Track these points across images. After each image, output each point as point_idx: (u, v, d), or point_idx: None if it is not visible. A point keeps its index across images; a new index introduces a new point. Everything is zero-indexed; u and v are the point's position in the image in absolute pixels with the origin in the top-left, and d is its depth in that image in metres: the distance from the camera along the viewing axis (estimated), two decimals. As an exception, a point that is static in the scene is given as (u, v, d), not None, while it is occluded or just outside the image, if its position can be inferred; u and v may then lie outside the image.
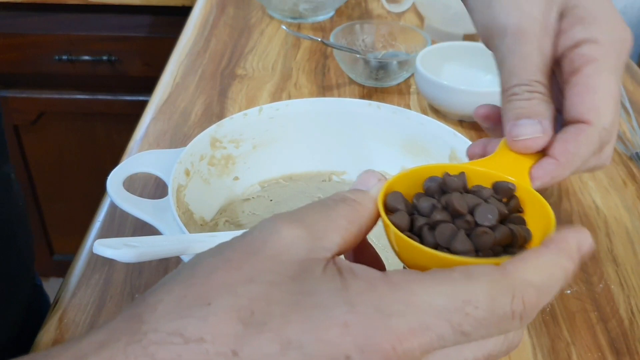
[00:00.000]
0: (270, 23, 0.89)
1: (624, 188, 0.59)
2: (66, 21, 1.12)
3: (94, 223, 0.52)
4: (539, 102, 0.29)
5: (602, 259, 0.50)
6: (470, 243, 0.25)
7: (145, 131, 0.64)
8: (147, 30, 1.12)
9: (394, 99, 0.71)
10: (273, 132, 0.50)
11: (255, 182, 0.51)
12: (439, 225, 0.25)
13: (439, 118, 0.65)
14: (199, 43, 0.82)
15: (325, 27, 0.89)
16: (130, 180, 0.51)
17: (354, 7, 0.95)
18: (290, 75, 0.75)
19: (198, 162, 0.45)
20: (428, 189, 0.27)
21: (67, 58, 1.12)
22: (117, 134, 1.21)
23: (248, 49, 0.81)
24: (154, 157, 0.44)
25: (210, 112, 0.67)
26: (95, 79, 1.16)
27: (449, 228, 0.25)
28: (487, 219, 0.25)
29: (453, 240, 0.25)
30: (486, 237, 0.25)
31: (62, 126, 1.20)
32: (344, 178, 0.53)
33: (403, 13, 0.93)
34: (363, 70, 0.71)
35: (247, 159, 0.49)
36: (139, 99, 1.16)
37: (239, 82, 0.73)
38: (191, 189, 0.44)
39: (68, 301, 0.44)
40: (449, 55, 0.71)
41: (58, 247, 1.35)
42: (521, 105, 0.29)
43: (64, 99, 1.17)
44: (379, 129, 0.50)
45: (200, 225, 0.45)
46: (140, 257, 0.30)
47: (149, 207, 0.39)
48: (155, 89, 0.72)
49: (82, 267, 0.47)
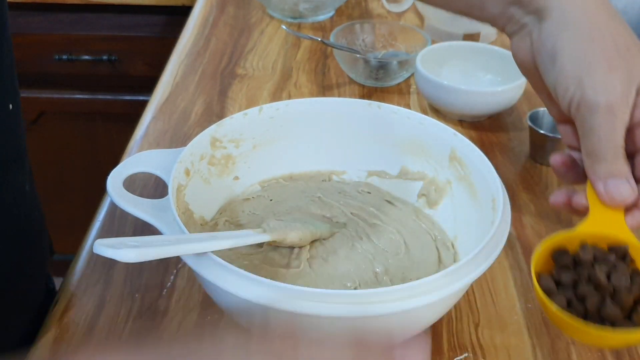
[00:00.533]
0: (271, 23, 0.89)
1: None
2: (66, 21, 1.12)
3: (94, 223, 0.52)
4: (624, 164, 0.35)
5: (602, 258, 0.50)
6: (616, 307, 0.31)
7: (145, 131, 0.64)
8: (147, 30, 1.12)
9: (394, 99, 0.71)
10: (273, 131, 0.50)
11: (255, 181, 0.51)
12: (588, 297, 0.31)
13: (439, 118, 0.65)
14: (199, 43, 0.82)
15: (325, 27, 0.89)
16: (130, 180, 0.51)
17: (354, 6, 0.95)
18: (291, 74, 0.75)
19: (198, 161, 0.45)
20: (563, 264, 0.34)
21: (67, 57, 1.12)
22: (117, 134, 1.21)
23: (248, 49, 0.81)
24: (154, 157, 0.44)
25: (210, 111, 0.67)
26: (96, 78, 1.16)
27: (596, 298, 0.31)
28: (623, 282, 0.31)
29: (604, 309, 0.31)
30: (628, 298, 0.31)
31: (62, 126, 1.20)
32: (343, 177, 0.53)
33: (403, 13, 0.93)
34: (363, 70, 0.71)
35: (247, 159, 0.49)
36: (139, 99, 1.15)
37: (239, 81, 0.73)
38: (191, 189, 0.44)
39: (68, 301, 0.44)
40: (449, 55, 0.71)
41: (58, 246, 1.34)
42: (611, 167, 0.35)
43: (64, 98, 1.17)
44: (379, 129, 0.50)
45: (200, 225, 0.45)
46: (140, 257, 0.30)
47: (149, 206, 0.39)
48: (155, 88, 0.72)
49: (82, 267, 0.47)
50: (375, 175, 0.52)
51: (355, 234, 0.46)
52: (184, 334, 0.42)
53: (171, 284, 0.46)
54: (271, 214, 0.47)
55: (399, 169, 0.51)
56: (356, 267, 0.43)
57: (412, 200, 0.50)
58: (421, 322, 0.38)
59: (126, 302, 0.44)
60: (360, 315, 0.32)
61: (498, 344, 0.42)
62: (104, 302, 0.44)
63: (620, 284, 0.31)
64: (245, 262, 0.42)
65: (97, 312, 0.43)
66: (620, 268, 0.32)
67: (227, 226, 0.46)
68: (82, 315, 0.43)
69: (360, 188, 0.51)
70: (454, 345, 0.42)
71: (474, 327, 0.43)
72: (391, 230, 0.46)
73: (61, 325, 0.42)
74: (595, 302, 0.31)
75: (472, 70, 0.71)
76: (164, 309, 0.44)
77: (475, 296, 0.46)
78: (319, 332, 0.35)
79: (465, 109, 0.64)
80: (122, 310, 0.44)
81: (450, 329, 0.43)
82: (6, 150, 0.42)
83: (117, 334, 0.42)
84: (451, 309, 0.43)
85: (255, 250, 0.44)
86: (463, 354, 0.41)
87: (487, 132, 0.64)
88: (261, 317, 0.35)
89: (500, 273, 0.48)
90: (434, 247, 0.45)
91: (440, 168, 0.48)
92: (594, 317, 0.31)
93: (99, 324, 0.43)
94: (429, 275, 0.34)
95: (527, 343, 0.42)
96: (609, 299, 0.31)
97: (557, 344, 0.42)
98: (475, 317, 0.44)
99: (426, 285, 0.33)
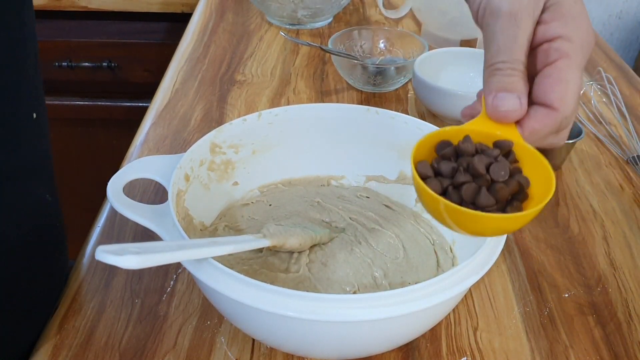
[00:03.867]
0: (269, 29, 0.89)
1: (621, 192, 0.59)
2: (66, 28, 1.12)
3: (94, 228, 0.52)
4: (519, 79, 0.33)
5: (599, 262, 0.50)
6: (491, 198, 0.30)
7: (145, 137, 0.64)
8: (147, 37, 1.13)
9: (391, 104, 0.71)
10: (272, 137, 0.50)
11: (255, 186, 0.51)
12: (463, 185, 0.31)
13: (437, 123, 0.66)
14: (198, 49, 0.82)
15: (323, 33, 0.89)
16: (131, 186, 0.51)
17: (352, 13, 0.96)
18: (289, 80, 0.76)
19: (198, 167, 0.45)
20: (444, 154, 0.33)
21: (67, 64, 1.13)
22: (117, 140, 1.21)
23: (247, 55, 0.81)
24: (153, 163, 0.44)
25: (209, 117, 0.67)
26: (95, 85, 1.16)
27: (472, 187, 0.31)
28: (501, 176, 0.31)
29: (478, 197, 0.30)
30: (503, 191, 0.31)
31: (63, 132, 1.21)
32: (342, 182, 0.53)
33: (401, 19, 0.93)
34: (361, 75, 0.72)
35: (246, 164, 0.50)
36: (138, 105, 1.16)
37: (238, 87, 0.74)
38: (191, 194, 0.44)
39: (68, 306, 0.44)
40: (446, 60, 0.72)
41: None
42: (504, 80, 0.32)
43: (64, 105, 1.17)
44: (377, 134, 0.50)
45: (200, 230, 0.46)
46: (142, 264, 0.30)
47: (149, 212, 0.39)
48: (155, 94, 0.72)
49: (82, 272, 0.47)
50: (373, 180, 0.52)
51: (354, 238, 0.46)
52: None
53: (171, 289, 0.46)
54: (270, 219, 0.48)
55: (397, 173, 0.51)
56: (355, 272, 0.43)
57: (411, 205, 0.50)
58: (420, 326, 0.38)
59: (126, 307, 0.44)
60: (359, 320, 0.33)
61: (496, 347, 0.42)
62: (104, 307, 0.44)
63: (498, 176, 0.31)
64: (245, 267, 0.43)
65: (97, 317, 0.44)
66: (501, 162, 0.31)
67: (226, 231, 0.47)
68: (82, 321, 0.43)
69: (359, 193, 0.51)
70: (452, 349, 0.42)
71: (472, 331, 0.43)
72: (390, 235, 0.46)
73: (61, 331, 0.43)
74: (471, 190, 0.30)
75: (469, 76, 0.71)
76: (163, 314, 0.44)
77: (473, 300, 0.46)
78: (317, 337, 0.36)
79: (463, 114, 0.65)
80: (122, 315, 0.44)
81: (449, 333, 0.43)
82: (26, 160, 0.41)
83: (117, 339, 0.42)
84: (450, 312, 0.44)
85: (255, 255, 0.44)
86: (462, 358, 0.41)
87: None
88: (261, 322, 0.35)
89: (498, 277, 0.48)
90: (433, 251, 0.46)
91: (438, 173, 0.48)
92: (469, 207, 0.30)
93: (98, 329, 0.43)
94: (427, 279, 0.34)
95: (526, 347, 0.43)
96: (485, 189, 0.30)
97: (556, 348, 0.43)
98: (473, 321, 0.44)
99: (425, 289, 0.33)
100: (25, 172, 0.41)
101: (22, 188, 0.41)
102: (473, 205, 0.30)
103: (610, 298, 0.47)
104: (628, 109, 0.71)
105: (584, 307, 0.46)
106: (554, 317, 0.45)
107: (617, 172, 0.62)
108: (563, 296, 0.47)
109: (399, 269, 0.44)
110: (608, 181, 0.60)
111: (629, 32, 1.46)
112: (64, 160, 1.27)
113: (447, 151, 0.32)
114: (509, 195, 0.31)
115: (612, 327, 0.44)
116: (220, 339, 0.42)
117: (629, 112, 0.70)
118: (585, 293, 0.47)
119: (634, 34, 1.46)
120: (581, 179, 0.60)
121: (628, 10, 1.40)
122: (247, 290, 0.33)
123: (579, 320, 0.45)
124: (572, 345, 0.43)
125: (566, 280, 0.48)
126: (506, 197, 0.31)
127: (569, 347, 0.43)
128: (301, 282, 0.42)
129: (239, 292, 0.33)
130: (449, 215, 0.31)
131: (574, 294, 0.47)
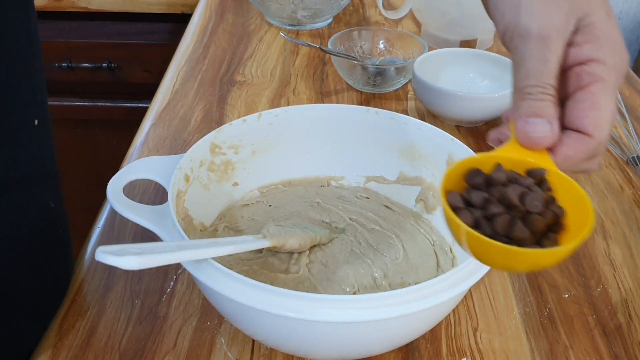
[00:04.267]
0: (269, 30, 0.89)
1: (621, 192, 0.59)
2: (66, 28, 1.12)
3: (94, 229, 0.52)
4: (550, 104, 0.31)
5: (599, 262, 0.50)
6: (526, 230, 0.28)
7: (145, 137, 0.64)
8: (147, 37, 1.13)
9: (391, 105, 0.71)
10: (272, 138, 0.50)
11: (255, 187, 0.51)
12: (497, 217, 0.29)
13: (437, 123, 0.65)
14: (198, 50, 0.82)
15: (323, 34, 0.89)
16: (130, 186, 0.51)
17: (352, 14, 0.96)
18: (289, 81, 0.76)
19: (198, 167, 0.45)
20: (475, 183, 0.31)
21: (67, 65, 1.13)
22: (117, 140, 1.21)
23: (247, 56, 0.81)
24: (153, 163, 0.44)
25: (209, 118, 0.67)
26: (95, 85, 1.16)
27: (505, 219, 0.29)
28: (536, 206, 0.29)
29: (512, 230, 0.28)
30: (539, 222, 0.29)
31: (62, 133, 1.21)
32: (342, 183, 0.53)
33: (400, 20, 0.93)
34: (361, 76, 0.72)
35: (246, 165, 0.50)
36: (138, 106, 1.16)
37: (238, 88, 0.74)
38: (191, 195, 0.44)
39: (68, 307, 0.44)
40: (446, 61, 0.72)
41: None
42: (534, 104, 0.31)
43: (64, 105, 1.17)
44: (376, 135, 0.50)
45: (200, 230, 0.46)
46: (143, 265, 0.30)
47: (149, 213, 0.39)
48: (154, 95, 0.72)
49: (82, 272, 0.47)
50: (373, 180, 0.52)
51: (354, 239, 0.46)
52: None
53: (171, 290, 0.46)
54: (270, 220, 0.48)
55: (397, 174, 0.51)
56: (355, 272, 0.43)
57: (411, 205, 0.50)
58: (420, 326, 0.38)
59: (126, 307, 0.44)
60: (359, 320, 0.33)
61: (496, 348, 0.42)
62: (104, 308, 0.44)
63: (533, 206, 0.29)
64: (245, 268, 0.43)
65: (97, 317, 0.44)
66: (535, 191, 0.29)
67: (226, 232, 0.47)
68: (82, 321, 0.43)
69: (359, 193, 0.52)
70: (452, 350, 0.42)
71: (472, 332, 0.43)
72: (390, 235, 0.46)
73: (61, 332, 0.43)
74: (504, 222, 0.28)
75: (469, 76, 0.71)
76: (163, 314, 0.44)
77: (473, 300, 0.46)
78: (317, 337, 0.36)
79: (463, 115, 0.65)
80: (122, 315, 0.44)
81: (448, 334, 0.43)
82: (29, 168, 0.40)
83: (117, 340, 0.42)
84: (450, 313, 0.44)
85: (255, 255, 0.44)
86: (462, 359, 0.41)
87: (484, 137, 0.65)
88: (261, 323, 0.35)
89: (498, 277, 0.48)
90: (433, 252, 0.46)
91: (438, 173, 0.48)
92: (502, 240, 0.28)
93: (98, 330, 0.43)
94: (427, 280, 0.34)
95: (526, 347, 0.43)
96: (519, 221, 0.28)
97: (556, 348, 0.43)
98: (473, 321, 0.44)
99: (425, 289, 0.34)
100: (26, 180, 0.40)
101: (23, 196, 0.40)
102: (507, 238, 0.28)
103: (610, 298, 0.47)
104: (628, 109, 0.71)
105: (584, 307, 0.46)
106: (554, 318, 0.45)
107: (617, 172, 0.62)
108: (563, 296, 0.47)
109: (399, 269, 0.44)
110: (608, 181, 0.60)
111: (629, 32, 1.46)
112: (64, 161, 1.27)
113: (478, 180, 0.31)
114: (544, 227, 0.29)
115: (612, 327, 0.44)
116: (220, 340, 0.42)
117: (628, 113, 0.70)
118: (585, 293, 0.47)
119: (634, 34, 1.46)
120: (581, 179, 0.60)
121: (628, 11, 1.40)
122: (247, 291, 0.33)
123: (579, 321, 0.45)
124: (572, 345, 0.43)
125: (566, 280, 0.48)
126: (542, 229, 0.29)
127: (569, 348, 0.43)
128: (301, 283, 0.42)
129: (239, 293, 0.33)
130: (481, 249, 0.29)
131: (574, 294, 0.47)
